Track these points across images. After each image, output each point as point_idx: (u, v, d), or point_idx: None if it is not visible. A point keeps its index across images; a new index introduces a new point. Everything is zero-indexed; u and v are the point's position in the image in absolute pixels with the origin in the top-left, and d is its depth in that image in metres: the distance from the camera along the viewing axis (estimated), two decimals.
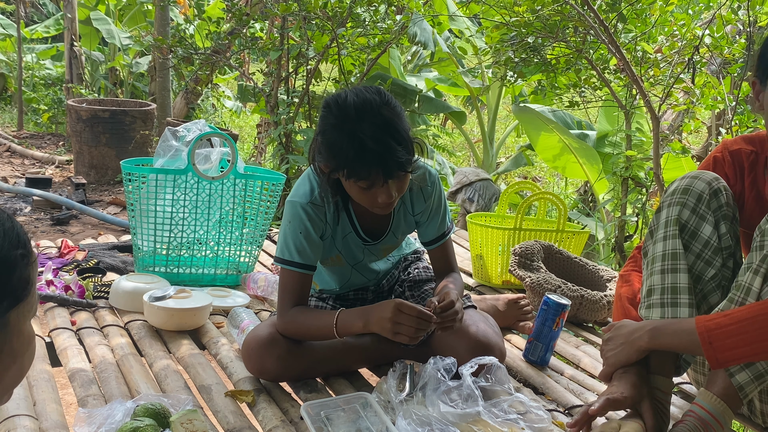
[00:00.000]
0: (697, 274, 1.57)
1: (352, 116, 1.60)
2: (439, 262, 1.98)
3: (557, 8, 3.61)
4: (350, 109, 1.61)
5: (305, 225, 1.78)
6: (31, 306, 0.88)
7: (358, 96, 1.63)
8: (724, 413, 1.47)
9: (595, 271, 2.56)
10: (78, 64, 7.66)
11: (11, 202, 5.12)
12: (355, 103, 1.61)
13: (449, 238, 1.98)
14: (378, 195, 1.67)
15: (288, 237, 1.79)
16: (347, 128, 1.60)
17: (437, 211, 1.91)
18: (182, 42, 4.90)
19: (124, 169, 2.50)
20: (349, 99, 1.62)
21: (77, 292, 2.30)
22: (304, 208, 1.78)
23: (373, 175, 1.62)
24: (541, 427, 1.61)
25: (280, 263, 1.81)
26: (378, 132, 1.59)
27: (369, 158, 1.60)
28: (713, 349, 1.40)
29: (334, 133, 1.63)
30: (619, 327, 1.59)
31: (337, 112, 1.63)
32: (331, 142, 1.64)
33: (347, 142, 1.60)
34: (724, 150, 1.71)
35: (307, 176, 1.83)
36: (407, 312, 1.63)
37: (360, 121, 1.60)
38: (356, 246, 1.91)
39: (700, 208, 1.58)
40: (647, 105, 3.51)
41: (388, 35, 4.49)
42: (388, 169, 1.61)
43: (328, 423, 1.55)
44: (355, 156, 1.60)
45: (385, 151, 1.59)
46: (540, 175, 7.57)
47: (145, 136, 5.94)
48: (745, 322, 1.38)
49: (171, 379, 1.80)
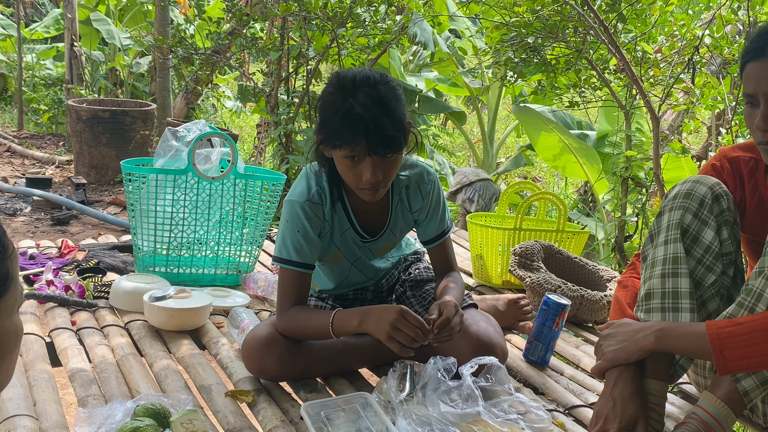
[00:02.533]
0: (698, 279, 1.56)
1: (348, 86, 1.64)
2: (439, 260, 1.98)
3: (557, 8, 3.61)
4: (348, 80, 1.65)
5: (303, 224, 1.78)
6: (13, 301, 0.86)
7: (361, 71, 1.66)
8: (727, 417, 1.46)
9: (595, 271, 2.56)
10: (78, 65, 7.67)
11: (11, 202, 5.12)
12: (354, 75, 1.65)
13: (449, 237, 1.98)
14: (363, 171, 1.66)
15: (286, 236, 1.79)
16: (340, 95, 1.63)
17: (436, 209, 1.92)
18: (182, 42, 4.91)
19: (124, 169, 2.50)
20: (351, 72, 1.66)
21: (77, 292, 2.30)
22: (302, 207, 1.78)
23: (356, 143, 1.62)
24: (541, 427, 1.61)
25: (278, 262, 1.81)
26: (369, 102, 1.61)
27: (354, 124, 1.60)
28: (724, 358, 1.39)
29: (328, 99, 1.66)
30: (621, 325, 1.57)
31: (335, 81, 1.67)
32: (323, 109, 1.67)
33: (338, 108, 1.62)
34: (722, 158, 1.70)
35: (304, 175, 1.84)
36: (410, 320, 1.62)
37: (354, 90, 1.62)
38: (354, 243, 1.91)
39: (702, 212, 1.57)
40: (647, 105, 3.51)
41: (388, 35, 4.49)
42: (372, 140, 1.62)
43: (328, 423, 1.55)
44: (341, 120, 1.61)
45: (371, 120, 1.60)
46: (540, 175, 7.57)
47: (145, 136, 5.94)
48: (758, 334, 1.37)
49: (171, 379, 1.80)
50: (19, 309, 0.91)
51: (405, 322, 1.62)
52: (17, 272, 0.88)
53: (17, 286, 0.87)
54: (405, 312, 1.63)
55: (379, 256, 2.01)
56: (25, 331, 2.00)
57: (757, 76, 1.41)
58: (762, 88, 1.41)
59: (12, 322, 0.87)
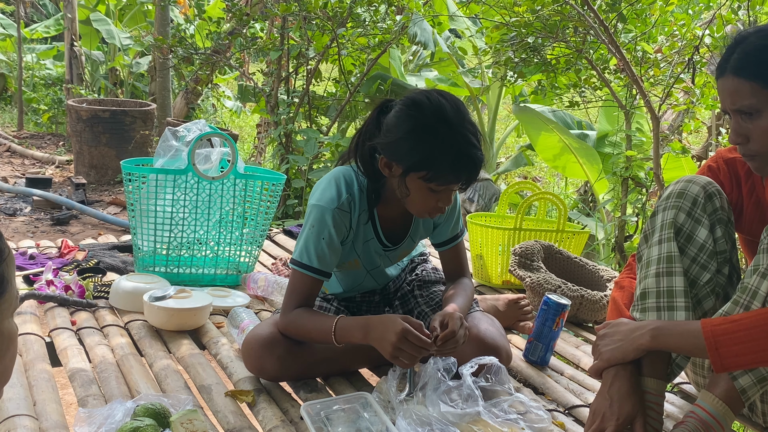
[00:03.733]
0: (692, 278, 1.57)
1: (451, 120, 1.60)
2: (450, 265, 1.97)
3: (557, 8, 3.61)
4: (449, 111, 1.61)
5: (329, 231, 1.74)
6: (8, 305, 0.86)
7: (448, 100, 1.63)
8: (725, 415, 1.47)
9: (595, 271, 2.56)
10: (78, 64, 7.67)
11: (11, 202, 5.12)
12: (449, 107, 1.62)
13: (461, 241, 1.96)
14: (441, 199, 1.68)
15: (310, 241, 1.75)
16: (443, 131, 1.60)
17: (452, 213, 1.90)
18: (182, 42, 4.91)
19: (124, 169, 2.50)
20: (441, 102, 1.62)
21: (77, 292, 2.30)
22: (331, 214, 1.74)
23: (460, 181, 1.64)
24: (541, 427, 1.61)
25: (296, 266, 1.77)
26: (474, 140, 1.61)
27: (463, 165, 1.61)
28: (719, 355, 1.39)
29: (428, 136, 1.61)
30: (617, 324, 1.58)
31: (430, 113, 1.62)
32: (422, 144, 1.62)
33: (445, 146, 1.60)
34: (719, 159, 1.71)
35: (333, 180, 1.79)
36: (412, 340, 1.59)
37: (459, 127, 1.60)
38: (376, 252, 1.89)
39: (695, 211, 1.58)
40: (647, 105, 3.52)
41: (388, 35, 4.49)
42: (472, 177, 1.64)
43: (328, 423, 1.55)
44: (452, 161, 1.60)
45: (478, 161, 1.62)
46: (540, 175, 7.57)
47: (145, 136, 5.94)
48: (754, 330, 1.37)
49: (171, 379, 1.80)
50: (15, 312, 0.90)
51: (407, 342, 1.59)
52: (13, 276, 0.88)
53: (13, 290, 0.87)
54: (407, 332, 1.59)
55: (395, 262, 1.99)
56: (24, 330, 2.01)
57: (722, 94, 1.46)
58: (726, 105, 1.45)
59: (5, 325, 0.87)
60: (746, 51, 1.41)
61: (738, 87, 1.41)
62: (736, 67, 1.41)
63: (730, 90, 1.43)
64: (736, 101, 1.42)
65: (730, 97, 1.43)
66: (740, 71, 1.40)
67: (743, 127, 1.44)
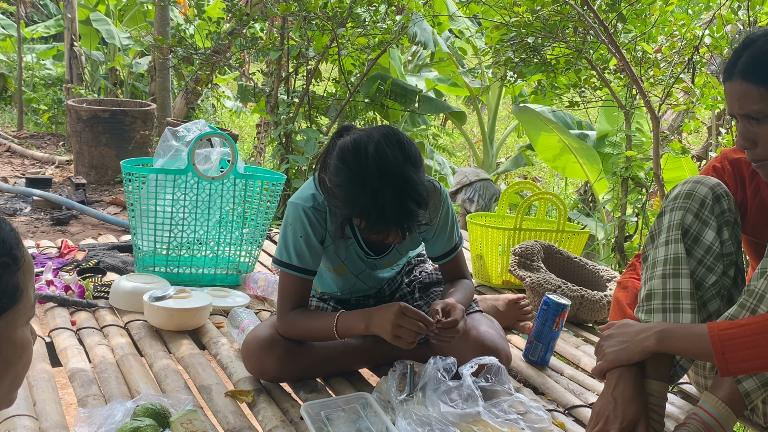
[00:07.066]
0: (699, 280, 1.56)
1: (374, 176, 1.57)
2: (449, 275, 1.98)
3: (557, 8, 3.61)
4: (371, 168, 1.58)
5: (306, 229, 1.76)
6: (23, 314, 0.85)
7: (378, 151, 1.59)
8: (727, 417, 1.46)
9: (595, 271, 2.56)
10: (78, 64, 7.66)
11: (11, 202, 5.12)
12: (376, 160, 1.58)
13: (460, 251, 1.95)
14: (388, 238, 1.68)
15: (288, 239, 1.77)
16: (368, 188, 1.58)
17: (443, 229, 1.88)
18: (182, 42, 4.91)
19: (124, 169, 2.50)
20: (370, 154, 1.59)
21: (77, 292, 2.30)
22: (306, 212, 1.76)
23: (391, 232, 1.63)
24: (541, 427, 1.61)
25: (278, 265, 1.80)
26: (399, 196, 1.58)
27: (390, 220, 1.60)
28: (726, 360, 1.39)
29: (354, 191, 1.60)
30: (622, 325, 1.57)
31: (356, 168, 1.60)
32: (350, 198, 1.61)
33: (369, 203, 1.58)
34: (723, 159, 1.69)
35: (311, 181, 1.81)
36: (410, 316, 1.63)
37: (382, 183, 1.57)
38: (359, 256, 1.89)
39: (703, 213, 1.57)
40: (647, 105, 3.51)
41: (388, 35, 4.49)
42: (406, 229, 1.63)
43: (328, 423, 1.55)
44: (377, 217, 1.60)
45: (406, 216, 1.60)
46: (540, 175, 7.57)
47: (145, 136, 5.94)
48: (760, 336, 1.37)
49: (171, 379, 1.80)
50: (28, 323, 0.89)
51: (406, 318, 1.63)
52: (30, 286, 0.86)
53: (28, 300, 0.85)
54: (404, 308, 1.64)
55: (383, 268, 2.00)
56: None
57: (729, 98, 1.44)
58: (734, 109, 1.43)
59: (17, 334, 0.86)
60: (755, 55, 1.39)
61: (746, 91, 1.39)
62: (744, 71, 1.39)
63: (738, 94, 1.41)
64: (744, 106, 1.40)
65: (738, 102, 1.41)
66: (749, 75, 1.39)
67: (751, 132, 1.42)
